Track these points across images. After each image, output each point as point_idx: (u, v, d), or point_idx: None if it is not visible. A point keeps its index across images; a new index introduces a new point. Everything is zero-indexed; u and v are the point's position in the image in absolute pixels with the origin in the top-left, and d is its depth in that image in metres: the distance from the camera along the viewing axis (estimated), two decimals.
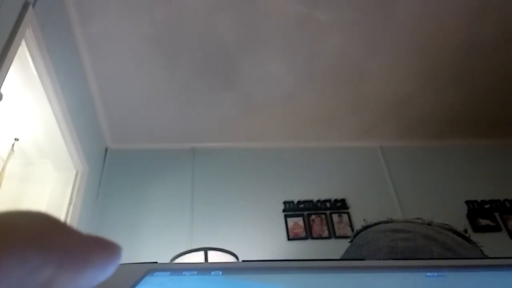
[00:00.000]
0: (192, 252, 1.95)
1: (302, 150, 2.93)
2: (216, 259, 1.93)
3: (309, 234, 2.53)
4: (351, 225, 2.55)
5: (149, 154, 2.84)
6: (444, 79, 2.60)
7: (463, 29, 2.30)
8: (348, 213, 2.62)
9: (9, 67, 1.45)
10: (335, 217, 2.61)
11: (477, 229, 2.57)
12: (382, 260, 0.41)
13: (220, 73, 2.44)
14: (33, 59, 1.65)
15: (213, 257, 1.93)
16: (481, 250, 0.47)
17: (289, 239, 2.51)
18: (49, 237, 0.13)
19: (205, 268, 0.22)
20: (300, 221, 2.59)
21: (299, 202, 2.66)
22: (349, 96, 2.67)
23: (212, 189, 2.69)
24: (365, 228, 0.51)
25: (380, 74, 2.53)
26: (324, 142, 2.97)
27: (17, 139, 2.26)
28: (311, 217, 2.61)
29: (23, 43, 1.55)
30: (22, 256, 0.12)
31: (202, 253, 1.93)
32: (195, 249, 1.97)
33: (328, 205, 2.66)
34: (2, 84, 1.41)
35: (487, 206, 2.70)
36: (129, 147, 2.85)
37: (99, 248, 0.14)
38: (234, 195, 2.66)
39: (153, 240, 2.41)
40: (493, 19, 2.26)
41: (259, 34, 2.24)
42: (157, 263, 0.23)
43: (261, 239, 2.48)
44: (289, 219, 2.59)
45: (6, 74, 1.43)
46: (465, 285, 0.21)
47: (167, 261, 1.91)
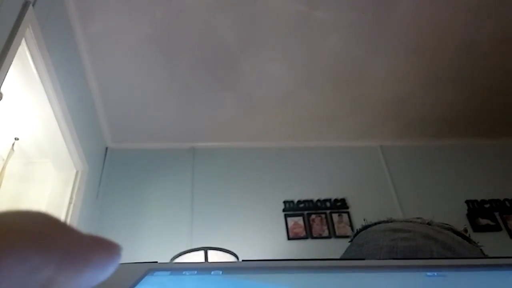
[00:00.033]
0: (192, 251, 1.95)
1: (302, 149, 2.93)
2: (216, 258, 1.93)
3: (309, 233, 2.53)
4: (351, 225, 2.55)
5: (149, 153, 2.84)
6: (444, 78, 2.60)
7: (463, 29, 2.30)
8: (348, 213, 2.62)
9: (9, 66, 1.45)
10: (335, 216, 2.61)
11: (477, 228, 2.57)
12: (382, 259, 0.41)
13: (220, 73, 2.44)
14: (33, 58, 1.65)
15: (213, 256, 1.93)
16: (481, 249, 0.47)
17: (289, 238, 2.51)
18: (49, 237, 0.13)
19: (205, 267, 0.22)
20: (300, 220, 2.59)
21: (299, 201, 2.66)
22: (349, 95, 2.67)
23: (212, 188, 2.69)
24: (365, 227, 0.51)
25: (380, 73, 2.53)
26: (324, 141, 2.97)
27: (17, 139, 2.26)
28: (311, 216, 2.61)
29: (23, 43, 1.55)
30: (22, 255, 0.12)
31: (202, 253, 1.93)
32: (195, 248, 1.97)
33: (328, 204, 2.66)
34: (2, 83, 1.41)
35: (487, 205, 2.70)
36: (129, 147, 2.85)
37: (99, 247, 0.14)
38: (234, 195, 2.66)
39: (153, 239, 2.41)
40: (492, 18, 2.26)
41: (259, 34, 2.23)
42: (157, 262, 0.23)
43: (261, 238, 2.48)
44: (289, 219, 2.59)
45: (6, 73, 1.43)
46: (465, 284, 0.21)
47: (167, 260, 1.91)
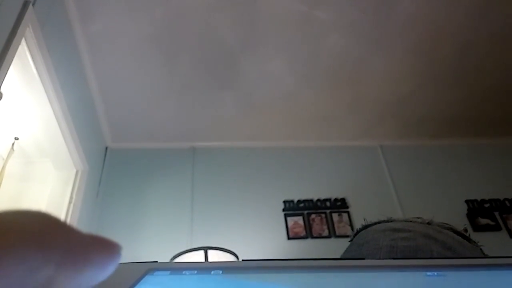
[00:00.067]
0: (192, 251, 1.95)
1: (302, 149, 2.93)
2: (216, 258, 1.93)
3: (309, 233, 2.53)
4: (351, 224, 2.55)
5: (149, 153, 2.84)
6: (443, 78, 2.59)
7: (462, 28, 2.30)
8: (348, 212, 2.62)
9: (9, 66, 1.44)
10: (335, 216, 2.61)
11: (477, 228, 2.57)
12: (382, 259, 0.41)
13: (220, 73, 2.44)
14: (33, 58, 1.65)
15: (213, 256, 1.93)
16: (481, 249, 0.47)
17: (289, 238, 2.51)
18: (49, 236, 0.13)
19: (205, 267, 0.22)
20: (300, 220, 2.59)
21: (299, 201, 2.66)
22: (349, 95, 2.67)
23: (212, 188, 2.69)
24: (365, 227, 0.51)
25: (380, 73, 2.53)
26: (324, 141, 2.97)
27: (17, 138, 2.26)
28: (311, 216, 2.61)
29: (23, 42, 1.55)
30: (22, 255, 0.12)
31: (202, 252, 1.93)
32: (195, 248, 1.97)
33: (328, 204, 2.66)
34: (2, 83, 1.41)
35: (487, 205, 2.70)
36: (129, 146, 2.85)
37: (99, 247, 0.14)
38: (234, 194, 2.66)
39: (153, 239, 2.41)
40: (491, 18, 2.26)
41: (259, 33, 2.23)
42: (157, 262, 0.23)
43: (261, 238, 2.48)
44: (289, 218, 2.59)
45: (6, 73, 1.43)
46: (465, 284, 0.21)
47: (167, 260, 1.91)
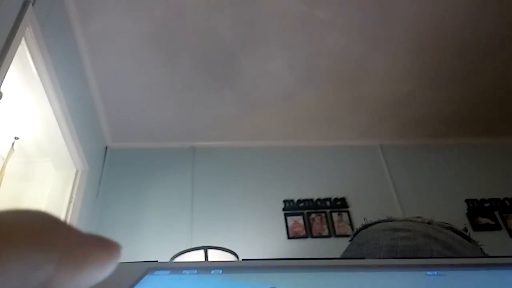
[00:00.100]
0: (192, 250, 1.95)
1: (302, 148, 2.93)
2: (216, 257, 1.93)
3: (309, 232, 2.53)
4: (351, 224, 2.55)
5: (149, 153, 2.84)
6: (443, 78, 2.59)
7: (462, 28, 2.30)
8: (348, 212, 2.62)
9: (9, 65, 1.44)
10: (335, 215, 2.61)
11: (477, 227, 2.57)
12: (382, 259, 0.41)
13: (220, 72, 2.44)
14: (33, 57, 1.64)
15: (213, 255, 1.93)
16: (481, 249, 0.47)
17: (289, 237, 2.51)
18: (49, 236, 0.13)
19: (205, 266, 0.22)
20: (300, 219, 2.59)
21: (299, 200, 2.66)
22: (349, 94, 2.67)
23: (212, 187, 2.69)
24: (365, 226, 0.51)
25: (380, 73, 2.53)
26: (324, 140, 2.97)
27: (17, 138, 2.26)
28: (311, 215, 2.61)
29: (23, 42, 1.54)
30: (22, 254, 0.12)
31: (202, 252, 1.93)
32: (195, 247, 1.96)
33: (328, 203, 2.66)
34: (2, 83, 1.41)
35: (487, 204, 2.70)
36: (129, 146, 2.85)
37: (99, 246, 0.14)
38: (234, 194, 2.66)
39: (153, 238, 2.41)
40: (491, 18, 2.26)
41: (259, 32, 2.23)
42: (157, 261, 0.23)
43: (261, 237, 2.48)
44: (289, 218, 2.59)
45: (6, 72, 1.43)
46: (465, 284, 0.21)
47: (167, 259, 1.91)
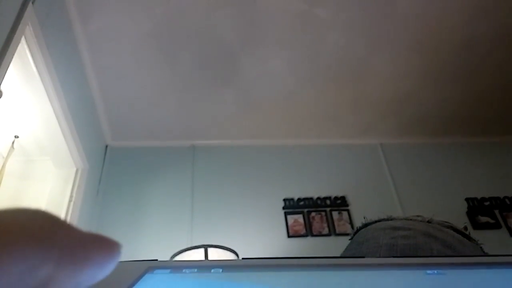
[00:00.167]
0: (192, 249, 1.95)
1: (302, 147, 2.93)
2: (216, 256, 1.93)
3: (309, 231, 2.54)
4: (351, 223, 2.55)
5: (149, 151, 2.84)
6: (444, 77, 2.59)
7: (463, 26, 2.29)
8: (348, 210, 2.62)
9: (9, 64, 1.44)
10: (335, 214, 2.61)
11: (477, 226, 2.57)
12: (382, 257, 0.41)
13: (220, 71, 2.44)
14: (33, 56, 1.64)
15: (213, 254, 1.93)
16: (481, 247, 0.47)
17: (289, 236, 2.51)
18: (49, 235, 0.13)
19: (205, 265, 0.22)
20: (300, 218, 2.59)
21: (299, 199, 2.66)
22: (349, 93, 2.67)
23: (212, 186, 2.69)
24: (365, 225, 0.51)
25: (380, 71, 2.53)
26: (324, 139, 2.97)
27: (17, 137, 2.26)
28: (311, 214, 2.61)
29: (23, 41, 1.54)
30: (21, 253, 0.12)
31: (202, 250, 1.93)
32: (195, 246, 1.97)
33: (328, 202, 2.66)
34: (2, 81, 1.41)
35: (487, 203, 2.70)
36: (129, 145, 2.85)
37: (99, 245, 0.14)
38: (234, 193, 2.66)
39: (153, 237, 2.42)
40: (493, 16, 2.25)
41: (259, 31, 2.23)
42: (157, 260, 0.23)
43: (261, 236, 2.48)
44: (289, 216, 2.59)
45: (6, 71, 1.43)
46: (465, 282, 0.21)
47: (167, 258, 1.91)
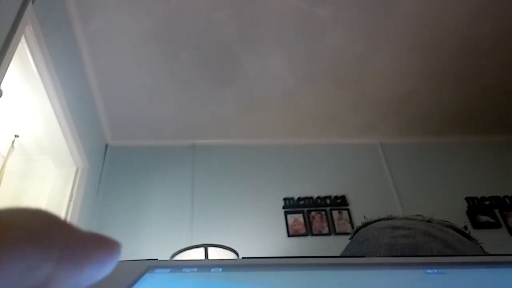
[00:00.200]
0: (192, 248, 1.95)
1: (302, 146, 2.93)
2: (216, 255, 1.93)
3: (309, 230, 2.54)
4: (351, 222, 2.55)
5: (149, 150, 2.84)
6: (444, 76, 2.59)
7: (464, 26, 2.29)
8: (348, 210, 2.62)
9: (9, 63, 1.44)
10: (335, 213, 2.62)
11: (477, 225, 2.57)
12: (382, 257, 0.41)
13: (220, 70, 2.44)
14: (33, 55, 1.64)
15: (213, 253, 1.93)
16: (481, 247, 0.47)
17: (289, 235, 2.51)
18: (49, 234, 0.13)
19: (205, 265, 0.22)
20: (300, 217, 2.59)
21: (299, 198, 2.66)
22: (349, 92, 2.67)
23: (212, 185, 2.69)
24: (365, 225, 0.51)
25: (380, 71, 2.53)
26: (324, 138, 2.97)
27: (17, 136, 2.25)
28: (311, 213, 2.61)
29: (23, 40, 1.54)
30: (21, 253, 0.12)
31: (202, 250, 1.93)
32: (195, 245, 1.97)
33: (328, 201, 2.66)
34: (2, 80, 1.41)
35: (487, 202, 2.70)
36: (129, 144, 2.85)
37: (99, 245, 0.14)
38: (234, 192, 2.66)
39: (153, 236, 2.42)
40: (493, 16, 2.25)
41: (259, 30, 2.23)
42: (157, 260, 0.23)
43: (261, 235, 2.48)
44: (289, 216, 2.59)
45: (6, 70, 1.42)
46: (465, 282, 0.21)
47: (167, 257, 1.91)
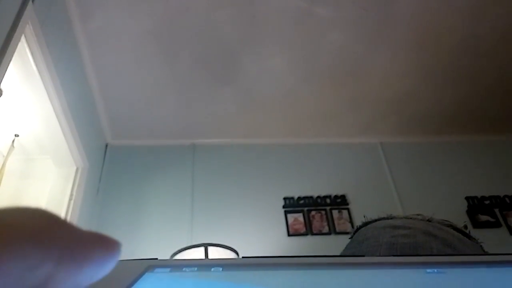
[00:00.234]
0: (192, 248, 1.95)
1: (302, 146, 2.93)
2: (216, 255, 1.93)
3: (309, 230, 2.54)
4: (351, 221, 2.55)
5: (149, 150, 2.84)
6: (444, 75, 2.59)
7: (463, 26, 2.29)
8: (348, 209, 2.63)
9: (9, 63, 1.44)
10: (335, 213, 2.62)
11: (477, 225, 2.57)
12: (382, 256, 0.41)
13: (220, 69, 2.44)
14: (33, 55, 1.64)
15: (213, 253, 1.93)
16: (481, 246, 0.47)
17: (289, 235, 2.51)
18: (48, 234, 0.13)
19: (205, 264, 0.22)
20: (300, 217, 2.59)
21: (299, 198, 2.66)
22: (349, 92, 2.67)
23: (212, 185, 2.69)
24: (365, 224, 0.51)
25: (380, 70, 2.53)
26: (324, 138, 2.97)
27: (17, 135, 2.26)
28: (311, 213, 2.61)
29: (23, 39, 1.54)
30: (21, 252, 0.12)
31: (202, 249, 1.93)
32: (195, 245, 1.97)
33: (328, 201, 2.66)
34: (2, 80, 1.41)
35: (487, 202, 2.70)
36: (129, 143, 2.85)
37: (99, 244, 0.14)
38: (234, 191, 2.66)
39: (153, 236, 2.42)
40: (492, 16, 2.25)
41: (259, 30, 2.23)
42: (157, 259, 0.23)
43: (261, 235, 2.48)
44: (289, 215, 2.59)
45: (6, 70, 1.42)
46: (465, 281, 0.21)
47: (167, 257, 1.91)
